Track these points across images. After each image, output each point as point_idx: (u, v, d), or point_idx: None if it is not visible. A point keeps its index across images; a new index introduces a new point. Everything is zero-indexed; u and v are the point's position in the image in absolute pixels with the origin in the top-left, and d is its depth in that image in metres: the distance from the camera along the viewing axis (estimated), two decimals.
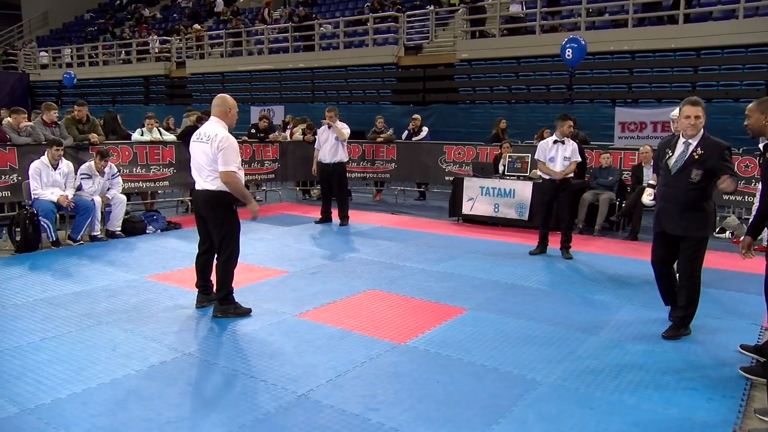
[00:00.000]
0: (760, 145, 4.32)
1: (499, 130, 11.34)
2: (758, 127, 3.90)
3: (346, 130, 9.21)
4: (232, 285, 5.04)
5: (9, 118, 8.43)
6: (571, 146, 7.24)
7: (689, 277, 4.56)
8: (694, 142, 4.45)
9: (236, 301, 5.07)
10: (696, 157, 4.38)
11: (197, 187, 4.99)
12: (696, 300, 4.59)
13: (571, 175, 7.37)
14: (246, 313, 5.04)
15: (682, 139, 4.51)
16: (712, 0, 13.02)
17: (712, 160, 4.33)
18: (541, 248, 7.40)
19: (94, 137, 8.59)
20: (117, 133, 10.07)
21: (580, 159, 7.40)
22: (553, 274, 6.48)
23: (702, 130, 4.47)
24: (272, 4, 20.90)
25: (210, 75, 20.89)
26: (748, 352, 4.26)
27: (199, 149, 4.89)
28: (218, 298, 5.03)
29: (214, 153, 4.75)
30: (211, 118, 4.96)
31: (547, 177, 7.28)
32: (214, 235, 4.98)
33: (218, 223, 4.92)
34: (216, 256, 5.06)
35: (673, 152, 4.52)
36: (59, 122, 8.62)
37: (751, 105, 3.97)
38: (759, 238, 4.06)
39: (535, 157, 7.53)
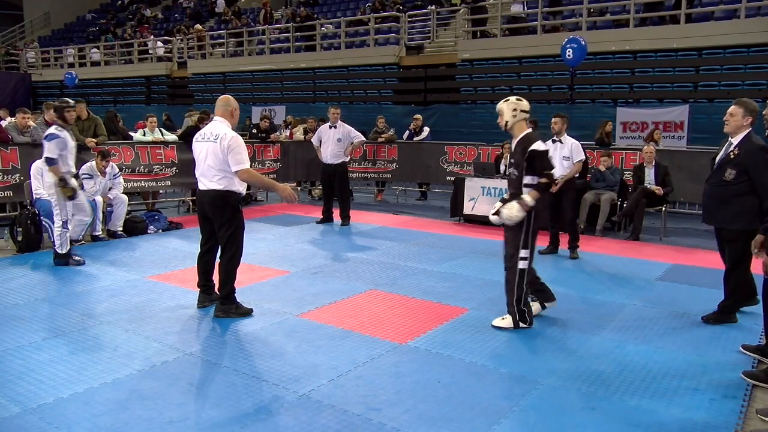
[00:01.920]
0: None
1: (604, 133, 10.40)
2: None
3: (359, 138, 9.52)
4: (234, 285, 5.04)
5: (12, 118, 8.43)
6: (570, 145, 7.12)
7: (730, 269, 4.81)
8: (735, 142, 4.56)
9: (238, 301, 5.07)
10: (732, 156, 4.49)
11: (202, 187, 4.95)
12: (735, 291, 4.84)
13: (577, 174, 7.33)
14: (247, 313, 5.04)
15: (730, 139, 4.62)
16: (713, 0, 13.01)
17: (747, 162, 4.46)
18: (552, 248, 7.36)
19: (90, 143, 8.54)
20: (116, 133, 10.08)
21: (583, 158, 7.25)
22: (554, 274, 6.47)
23: (745, 130, 4.56)
24: (269, 4, 20.91)
25: (211, 75, 20.91)
26: (750, 353, 4.25)
27: (207, 149, 4.84)
28: (220, 298, 5.03)
29: (224, 152, 4.74)
30: (216, 118, 4.97)
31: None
32: (219, 234, 4.97)
33: (224, 222, 4.91)
34: (219, 255, 5.06)
35: (721, 150, 4.65)
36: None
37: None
38: None
39: None
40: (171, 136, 10.26)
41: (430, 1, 17.54)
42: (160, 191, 10.44)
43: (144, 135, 9.90)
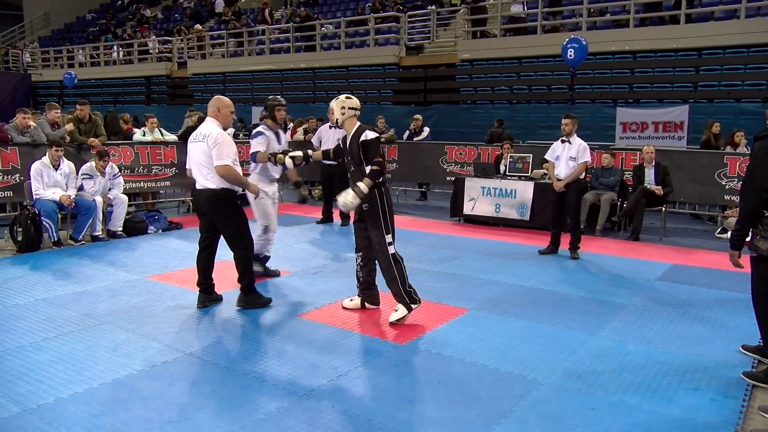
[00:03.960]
0: None
1: (711, 134, 9.77)
2: None
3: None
4: (253, 275, 5.20)
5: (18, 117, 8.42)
6: (578, 146, 7.09)
7: None
8: None
9: (257, 291, 5.23)
10: None
11: (198, 186, 5.07)
12: None
13: (582, 176, 7.32)
14: (267, 302, 5.23)
15: None
16: (713, 0, 13.02)
17: None
18: (552, 248, 7.34)
19: (94, 142, 8.55)
20: (119, 133, 10.09)
21: (589, 160, 7.21)
22: (555, 274, 6.47)
23: None
24: (270, 4, 20.91)
25: (211, 75, 20.90)
26: (749, 353, 4.25)
27: (197, 149, 5.00)
28: (241, 289, 5.17)
29: (210, 149, 4.86)
30: (207, 118, 5.09)
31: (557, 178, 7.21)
32: (223, 232, 5.09)
33: (224, 219, 5.03)
34: (232, 252, 5.15)
35: None
36: (58, 121, 8.66)
37: None
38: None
39: (546, 155, 7.53)
40: (171, 137, 10.26)
41: (430, 1, 17.54)
42: (160, 191, 10.45)
43: (144, 135, 9.90)
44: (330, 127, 9.21)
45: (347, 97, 4.99)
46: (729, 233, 8.40)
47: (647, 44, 13.00)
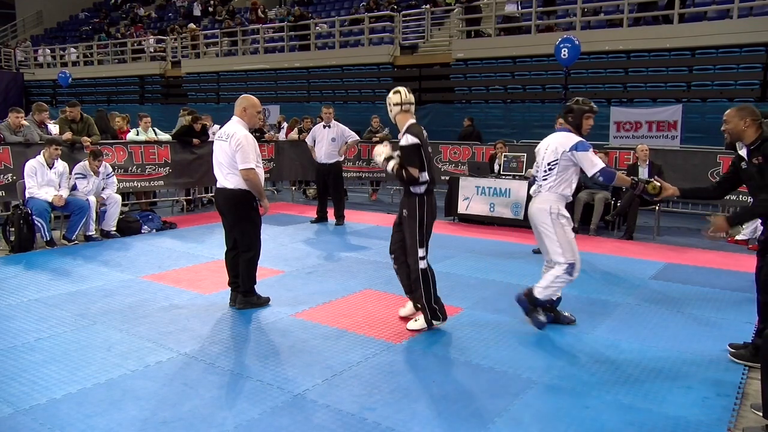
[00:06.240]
0: (741, 151, 4.15)
1: None
2: (736, 132, 3.96)
3: (353, 138, 9.45)
4: (256, 279, 5.22)
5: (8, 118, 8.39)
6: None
7: None
8: None
9: (257, 292, 5.26)
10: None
11: (218, 185, 5.12)
12: None
13: None
14: (266, 302, 5.25)
15: None
16: (706, 0, 13.08)
17: None
18: None
19: (86, 141, 8.52)
20: (109, 132, 10.04)
21: None
22: None
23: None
24: (259, 3, 20.85)
25: (205, 74, 20.83)
26: (740, 360, 4.27)
27: (219, 147, 5.02)
28: (241, 292, 5.20)
29: (233, 151, 4.87)
30: (233, 117, 5.09)
31: None
32: (234, 231, 5.12)
33: (238, 220, 5.06)
34: (241, 253, 5.17)
35: None
36: (46, 122, 8.65)
37: (729, 111, 4.01)
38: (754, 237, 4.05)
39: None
40: (164, 136, 10.22)
41: (424, 0, 17.55)
42: (154, 191, 10.41)
43: (137, 134, 9.86)
44: (324, 127, 9.23)
45: (395, 92, 4.66)
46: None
47: (641, 44, 13.04)
